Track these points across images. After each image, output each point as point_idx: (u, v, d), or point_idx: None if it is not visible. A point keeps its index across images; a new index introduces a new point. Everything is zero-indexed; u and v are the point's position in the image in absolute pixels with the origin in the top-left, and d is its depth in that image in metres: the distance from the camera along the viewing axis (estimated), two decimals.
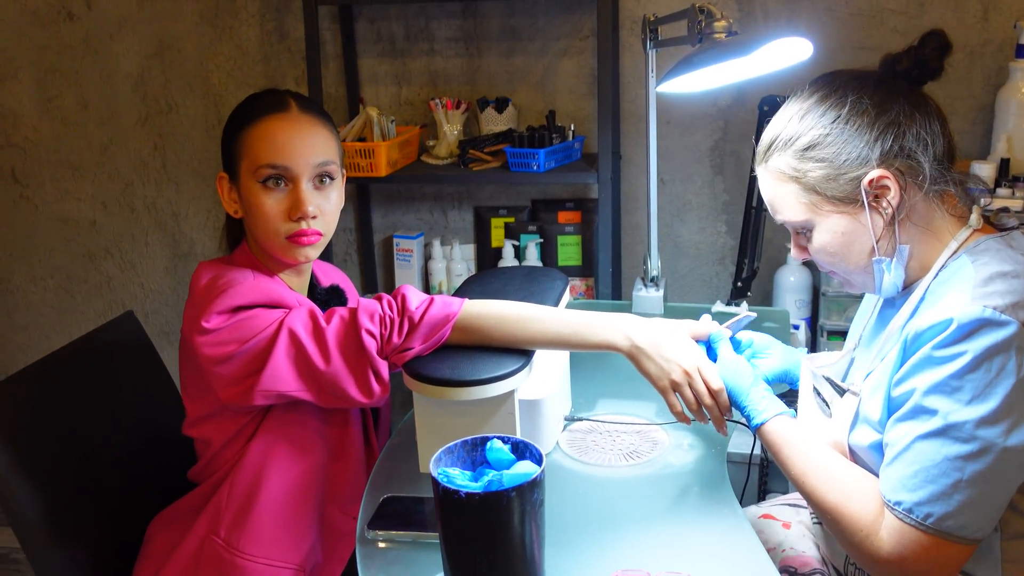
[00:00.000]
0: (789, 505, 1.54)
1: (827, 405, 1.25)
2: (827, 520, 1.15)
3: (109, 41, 2.74)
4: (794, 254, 1.25)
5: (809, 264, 2.44)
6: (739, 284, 2.12)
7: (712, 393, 1.29)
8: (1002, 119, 2.22)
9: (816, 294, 2.40)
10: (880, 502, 1.09)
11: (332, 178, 1.41)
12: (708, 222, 2.59)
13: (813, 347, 2.40)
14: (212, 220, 2.84)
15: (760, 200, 2.09)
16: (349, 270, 2.80)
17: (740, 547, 1.18)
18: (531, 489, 1.01)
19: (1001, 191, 2.12)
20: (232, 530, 1.38)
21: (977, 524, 1.04)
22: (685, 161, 2.55)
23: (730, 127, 2.50)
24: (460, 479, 1.03)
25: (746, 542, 1.19)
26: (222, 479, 1.41)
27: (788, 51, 1.43)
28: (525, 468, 1.03)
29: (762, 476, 1.94)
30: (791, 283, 2.39)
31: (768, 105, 2.02)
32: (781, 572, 1.33)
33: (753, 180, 2.12)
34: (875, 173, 1.11)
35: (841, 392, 1.21)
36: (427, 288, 2.66)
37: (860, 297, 2.09)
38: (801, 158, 1.15)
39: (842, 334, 2.29)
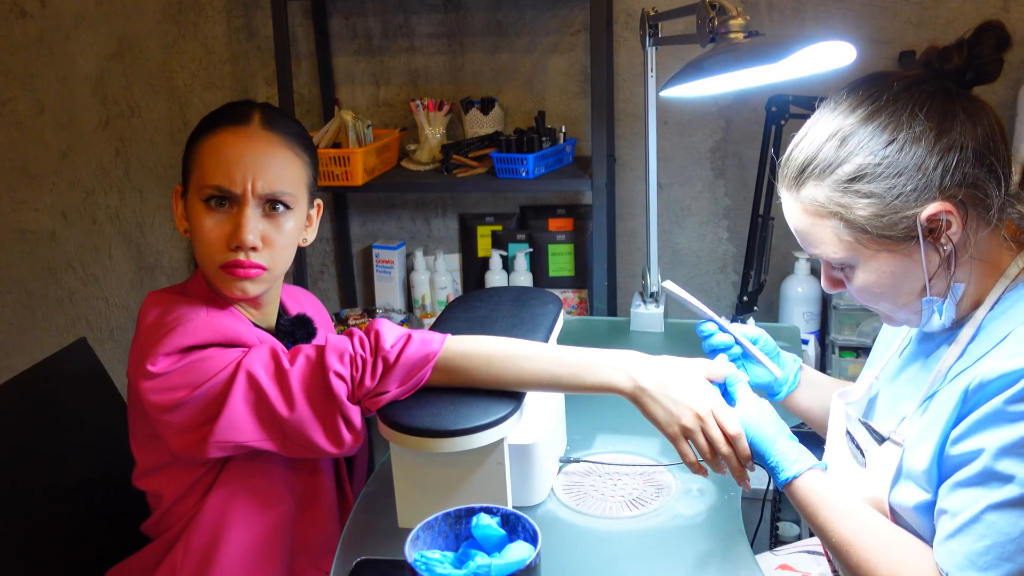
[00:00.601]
0: (808, 552, 1.42)
1: (862, 453, 1.10)
2: None
3: (65, 40, 2.60)
4: (825, 287, 1.10)
5: (817, 273, 2.30)
6: (745, 298, 1.99)
7: (729, 440, 1.14)
8: None
9: (826, 306, 2.27)
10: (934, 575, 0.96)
11: (288, 207, 1.26)
12: (709, 228, 2.45)
13: (822, 365, 2.26)
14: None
15: (768, 208, 1.95)
16: (326, 283, 2.66)
17: None
18: None
19: None
20: None
21: None
22: (684, 164, 2.41)
23: (732, 127, 2.36)
24: (441, 567, 0.88)
25: None
26: (177, 535, 1.31)
27: (825, 57, 1.25)
28: (518, 552, 0.89)
29: (774, 512, 1.80)
30: (799, 294, 2.24)
31: (776, 105, 1.88)
32: None
33: (760, 186, 1.98)
34: (935, 207, 0.95)
35: (880, 440, 1.07)
36: (410, 302, 2.52)
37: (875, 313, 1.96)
38: (845, 191, 0.98)
39: (855, 350, 2.15)
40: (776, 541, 1.85)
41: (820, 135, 1.01)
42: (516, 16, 2.39)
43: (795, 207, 1.04)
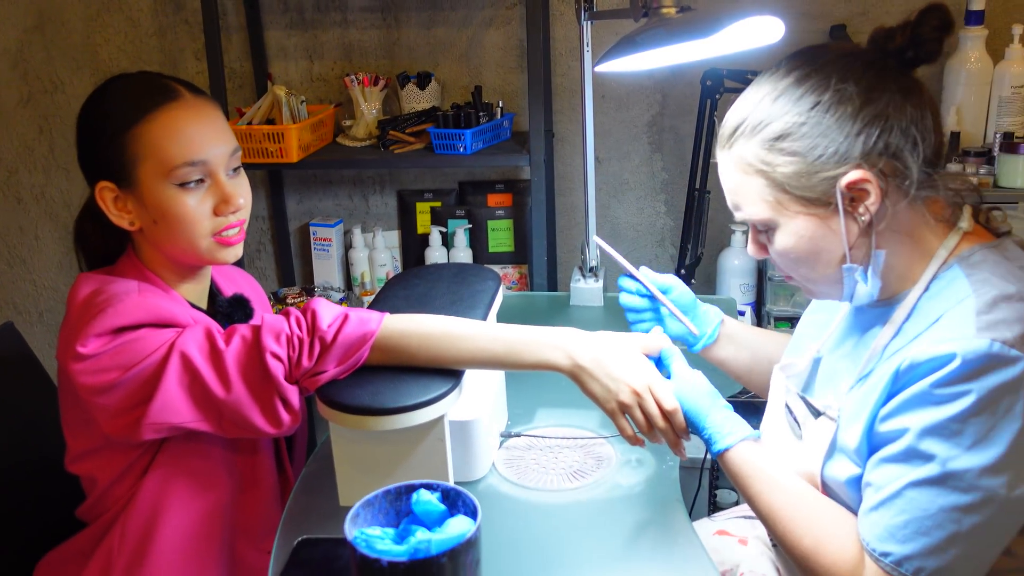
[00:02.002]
0: (744, 518, 1.45)
1: (799, 426, 1.13)
2: (799, 564, 1.04)
3: None
4: (751, 251, 1.12)
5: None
6: (682, 271, 2.01)
7: (666, 414, 1.15)
8: (951, 90, 2.14)
9: (761, 278, 2.32)
10: (859, 549, 0.99)
11: (239, 166, 1.28)
12: (647, 202, 2.48)
13: None
14: None
15: (704, 182, 1.97)
16: (263, 262, 2.62)
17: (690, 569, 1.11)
18: (465, 551, 0.87)
19: (951, 167, 2.04)
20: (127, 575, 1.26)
21: None
22: (621, 138, 2.43)
23: (668, 101, 2.38)
24: (382, 543, 0.88)
25: (697, 563, 1.12)
26: (113, 519, 1.29)
27: (755, 32, 1.26)
28: (458, 527, 0.89)
29: (713, 480, 1.84)
30: (735, 267, 2.29)
31: (711, 79, 1.90)
32: None
33: (696, 160, 2.00)
34: (854, 175, 0.96)
35: (816, 414, 1.09)
36: (348, 280, 2.50)
37: None
38: (770, 148, 1.00)
39: (789, 320, 2.20)
40: (714, 508, 1.89)
41: (754, 97, 1.03)
42: None
43: (726, 164, 1.06)
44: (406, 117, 2.29)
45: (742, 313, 2.23)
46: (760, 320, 2.31)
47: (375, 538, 0.88)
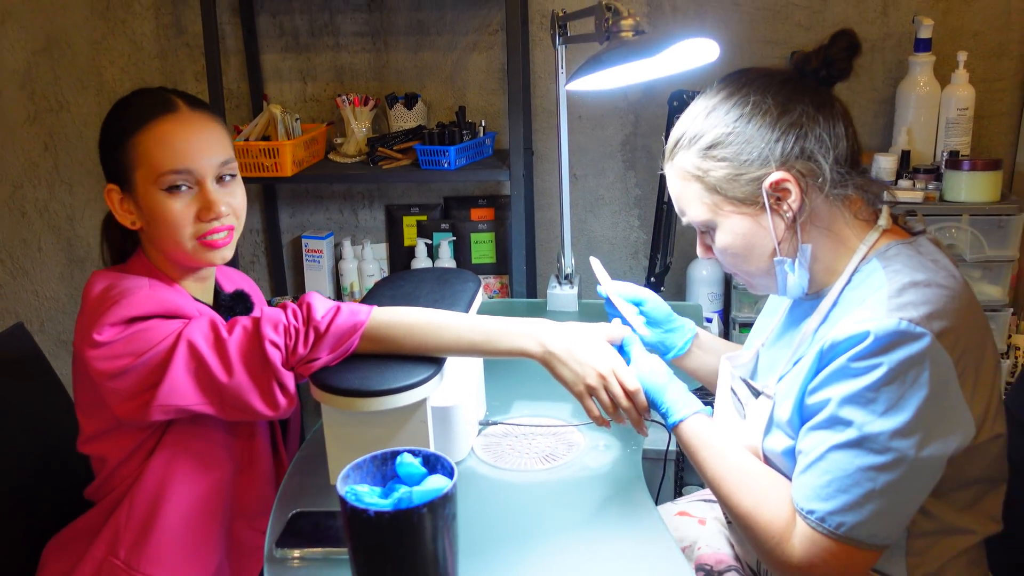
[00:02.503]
0: (704, 501, 1.55)
1: (742, 405, 1.25)
2: (740, 524, 1.14)
3: None
4: (699, 253, 1.25)
5: None
6: (652, 279, 2.14)
7: (628, 395, 1.27)
8: (902, 112, 2.28)
9: (728, 287, 2.44)
10: (791, 510, 1.09)
11: (233, 175, 1.38)
12: (621, 217, 2.60)
13: (726, 339, 2.42)
14: None
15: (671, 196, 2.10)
16: (257, 273, 2.73)
17: (656, 551, 1.18)
18: (443, 504, 0.98)
19: (902, 183, 2.18)
20: (133, 551, 1.33)
21: (887, 532, 1.05)
22: (597, 156, 2.56)
23: (641, 121, 2.51)
24: (369, 497, 0.99)
25: (662, 546, 1.19)
26: (120, 497, 1.36)
27: (695, 51, 1.41)
28: (436, 483, 1.00)
29: (678, 471, 1.95)
30: (703, 276, 2.41)
31: (677, 100, 2.03)
32: (697, 570, 1.34)
33: (664, 176, 2.13)
34: (775, 176, 1.10)
35: (756, 394, 1.21)
36: (338, 290, 2.61)
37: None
38: (704, 157, 1.14)
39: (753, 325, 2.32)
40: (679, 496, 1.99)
41: (691, 114, 1.17)
42: (437, 16, 2.49)
43: (670, 174, 1.19)
44: (394, 135, 2.40)
45: (709, 320, 2.36)
46: (727, 325, 2.44)
47: (363, 493, 1.00)
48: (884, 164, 2.18)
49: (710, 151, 1.13)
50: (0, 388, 1.58)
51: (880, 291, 1.06)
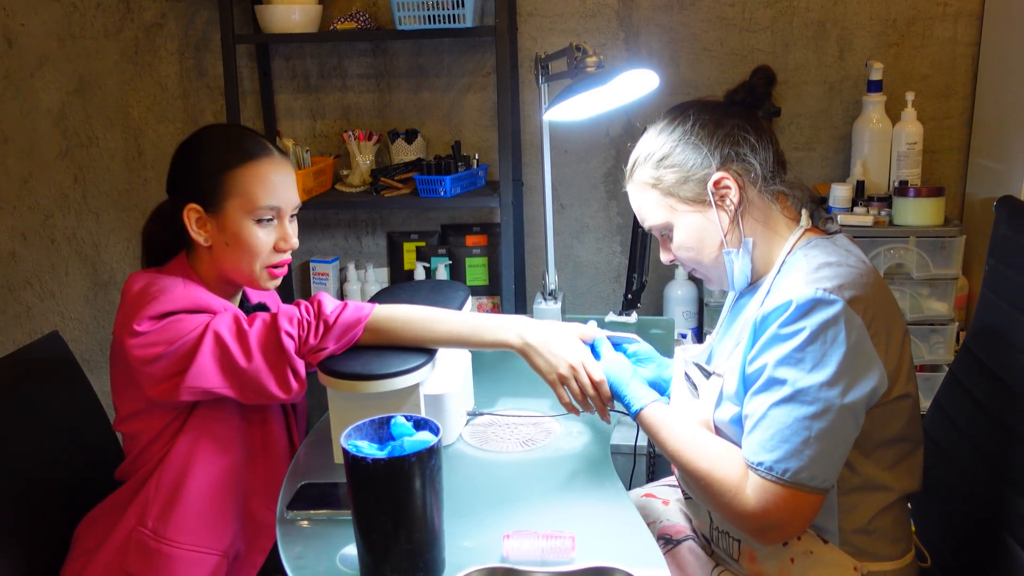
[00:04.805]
0: (668, 486, 1.69)
1: (695, 388, 1.40)
2: (698, 486, 1.27)
3: (30, 78, 2.80)
4: (663, 257, 1.43)
5: (694, 279, 2.66)
6: (629, 296, 2.31)
7: (594, 384, 1.43)
8: (858, 146, 2.47)
9: (701, 305, 2.61)
10: (743, 467, 1.22)
11: (296, 215, 1.58)
12: (604, 243, 2.78)
13: None
14: (132, 249, 2.91)
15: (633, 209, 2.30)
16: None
17: (618, 512, 1.33)
18: (429, 456, 1.14)
19: (857, 209, 2.37)
20: (159, 520, 1.45)
21: (825, 475, 1.18)
22: (582, 187, 2.73)
23: (621, 155, 2.64)
24: (367, 449, 1.17)
25: (623, 507, 1.33)
26: (150, 473, 1.49)
27: (640, 81, 1.64)
28: (424, 438, 1.18)
29: (650, 466, 2.11)
30: (679, 296, 2.59)
31: None
32: (659, 539, 1.48)
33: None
34: (717, 175, 1.30)
35: (707, 375, 1.38)
36: None
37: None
38: (657, 167, 1.34)
39: None
40: None
41: (645, 138, 1.39)
42: (436, 60, 2.69)
43: (632, 191, 1.40)
44: (395, 167, 2.57)
45: (684, 336, 2.53)
46: (700, 341, 2.61)
47: (362, 446, 1.18)
48: (840, 193, 2.37)
49: (662, 162, 1.34)
50: (37, 390, 1.69)
51: (799, 271, 1.24)
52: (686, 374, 1.44)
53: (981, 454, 1.46)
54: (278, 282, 1.57)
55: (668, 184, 1.34)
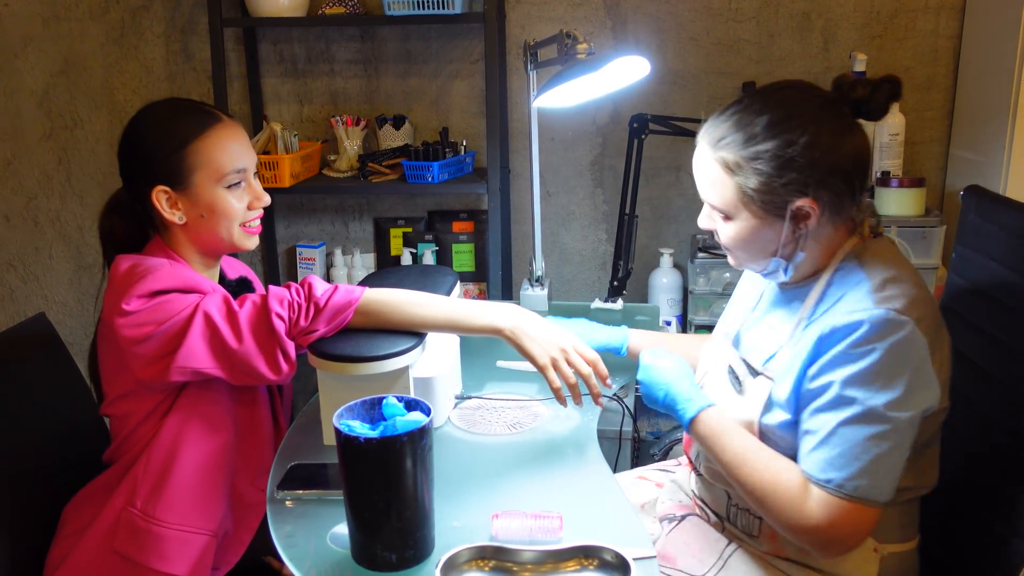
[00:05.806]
0: (660, 470, 1.72)
1: (739, 383, 1.37)
2: (757, 497, 1.26)
3: (13, 58, 2.79)
4: (702, 222, 1.36)
5: (679, 267, 2.68)
6: (615, 283, 2.34)
7: (589, 362, 1.44)
8: None
9: (686, 293, 2.64)
10: (802, 480, 1.22)
11: (256, 172, 1.59)
12: (590, 231, 2.80)
13: None
14: None
15: (632, 208, 2.32)
16: None
17: (604, 492, 1.35)
18: (420, 436, 1.15)
19: None
20: (148, 500, 1.45)
21: (890, 489, 1.20)
22: (568, 175, 2.75)
23: (608, 143, 2.72)
24: (360, 429, 1.18)
25: (609, 488, 1.36)
26: (138, 455, 1.48)
27: (630, 68, 1.65)
28: (416, 418, 1.19)
29: (635, 451, 2.14)
30: (664, 284, 2.62)
31: (637, 122, 2.26)
32: (662, 521, 1.50)
33: (625, 188, 2.35)
34: (803, 201, 1.22)
35: (755, 374, 1.34)
36: None
37: (725, 295, 2.32)
38: (747, 161, 1.24)
39: (708, 328, 2.51)
40: None
41: (749, 116, 1.26)
42: (424, 46, 2.70)
43: (708, 157, 1.29)
44: (383, 152, 2.58)
45: (668, 323, 2.56)
46: (685, 328, 2.64)
47: (355, 426, 1.19)
48: None
49: (754, 160, 1.23)
50: (24, 370, 1.68)
51: (861, 286, 1.22)
52: (730, 367, 1.41)
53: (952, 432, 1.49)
54: (256, 239, 1.60)
55: (747, 183, 1.25)
